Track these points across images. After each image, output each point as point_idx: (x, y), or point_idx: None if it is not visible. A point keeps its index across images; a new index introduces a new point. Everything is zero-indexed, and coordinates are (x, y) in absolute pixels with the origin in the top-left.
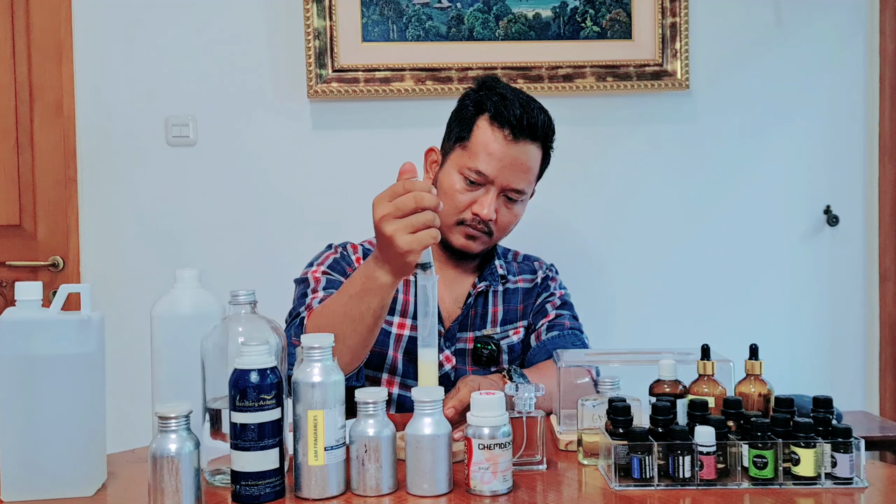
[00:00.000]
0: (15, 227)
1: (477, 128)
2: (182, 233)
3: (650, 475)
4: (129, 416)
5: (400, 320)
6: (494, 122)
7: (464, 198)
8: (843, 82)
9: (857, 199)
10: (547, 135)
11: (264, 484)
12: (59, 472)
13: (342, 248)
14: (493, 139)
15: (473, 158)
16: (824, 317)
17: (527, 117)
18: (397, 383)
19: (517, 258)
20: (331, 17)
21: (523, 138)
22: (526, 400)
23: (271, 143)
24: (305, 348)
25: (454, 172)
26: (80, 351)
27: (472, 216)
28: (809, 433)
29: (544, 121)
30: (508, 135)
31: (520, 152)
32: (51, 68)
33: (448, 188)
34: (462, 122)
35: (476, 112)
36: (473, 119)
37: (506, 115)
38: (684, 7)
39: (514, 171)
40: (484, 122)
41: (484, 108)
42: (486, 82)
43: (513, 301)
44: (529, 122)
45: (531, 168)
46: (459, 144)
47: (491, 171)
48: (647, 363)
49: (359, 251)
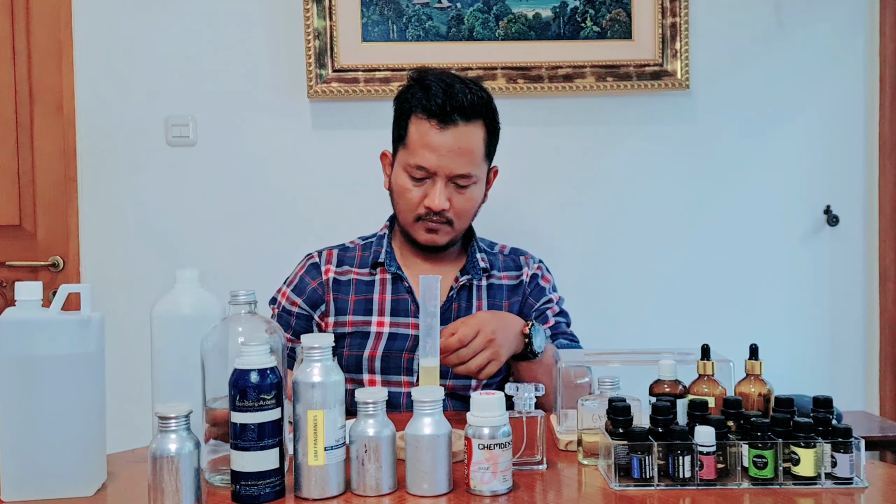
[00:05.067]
0: (15, 227)
1: (411, 124)
2: (182, 233)
3: (650, 475)
4: (129, 416)
5: (378, 319)
6: (422, 115)
7: (414, 194)
8: (843, 82)
9: (857, 199)
10: (481, 111)
11: (264, 484)
12: (59, 472)
13: (318, 254)
14: (424, 132)
15: (413, 155)
16: (824, 317)
17: (450, 102)
18: (378, 382)
19: (504, 251)
20: (331, 17)
21: (452, 123)
22: (526, 400)
23: (271, 143)
24: (305, 348)
25: (401, 172)
26: (80, 351)
27: (425, 210)
28: (809, 433)
29: (472, 99)
30: (436, 124)
31: (454, 138)
32: (51, 68)
33: (399, 188)
34: (398, 122)
35: (407, 111)
36: (407, 117)
37: (428, 105)
38: (684, 7)
39: (454, 158)
40: (414, 117)
41: (410, 105)
42: (413, 77)
43: (497, 297)
44: (453, 105)
45: (471, 150)
46: (401, 144)
47: (430, 163)
48: (647, 363)
49: (333, 259)
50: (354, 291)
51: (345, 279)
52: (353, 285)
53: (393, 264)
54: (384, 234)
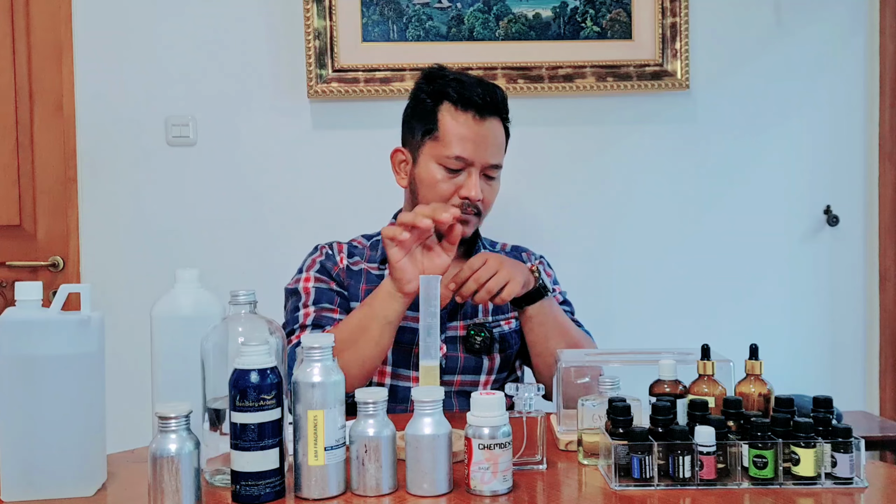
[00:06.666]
0: (15, 227)
1: (442, 117)
2: (182, 233)
3: (650, 475)
4: (129, 416)
5: None
6: (458, 107)
7: (447, 186)
8: (843, 82)
9: (857, 199)
10: (505, 108)
11: (264, 484)
12: (59, 472)
13: (328, 246)
14: (461, 123)
15: (448, 146)
16: (824, 317)
17: (488, 95)
18: (388, 373)
19: (505, 248)
20: (331, 17)
21: (489, 115)
22: (526, 400)
23: (271, 143)
24: (305, 348)
25: (431, 164)
26: (80, 351)
27: (460, 201)
28: (809, 433)
29: (503, 96)
30: (475, 115)
31: (488, 129)
32: (51, 68)
33: (429, 181)
34: (423, 115)
35: (436, 102)
36: (435, 110)
37: (469, 96)
38: (684, 7)
39: (489, 148)
40: (447, 109)
41: (444, 96)
42: (434, 73)
43: None
44: (492, 98)
45: (501, 142)
46: (429, 137)
47: (469, 153)
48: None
49: (344, 250)
50: (366, 281)
51: (356, 269)
52: (365, 275)
53: None
54: None
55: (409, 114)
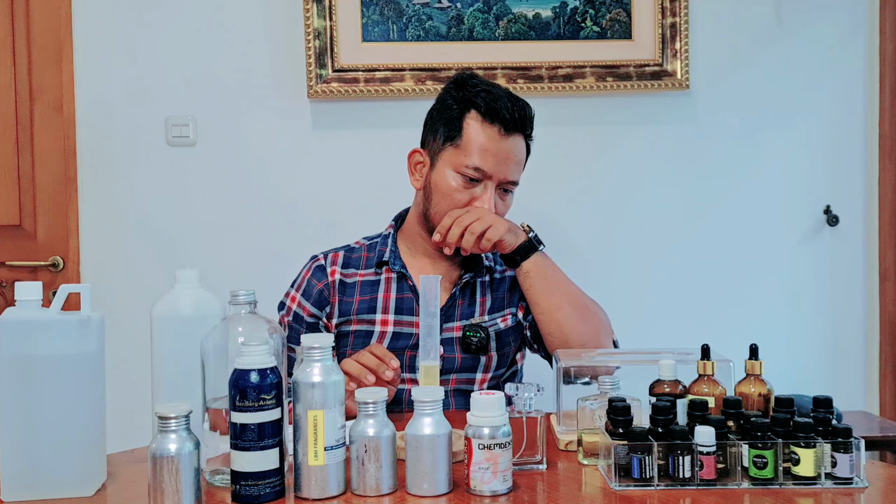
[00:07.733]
0: (15, 227)
1: (467, 125)
2: (182, 233)
3: (650, 475)
4: (129, 416)
5: (382, 317)
6: (485, 118)
7: (462, 196)
8: (843, 82)
9: (857, 199)
10: (532, 126)
11: (264, 484)
12: (59, 472)
13: (323, 257)
14: (486, 135)
15: (469, 156)
16: (824, 317)
17: (518, 111)
18: None
19: None
20: (331, 17)
21: (514, 131)
22: (526, 400)
23: (271, 143)
24: (305, 348)
25: (449, 171)
26: (80, 351)
27: None
28: (809, 433)
29: (531, 114)
30: (501, 129)
31: (512, 145)
32: (51, 68)
33: (445, 188)
34: (449, 121)
35: (462, 110)
36: (461, 117)
37: (497, 109)
38: (684, 7)
39: (509, 164)
40: (474, 118)
41: (472, 105)
42: (465, 80)
43: (500, 289)
44: (520, 115)
45: (522, 159)
46: (450, 144)
47: (489, 166)
48: (647, 363)
49: (339, 260)
50: (359, 293)
51: (350, 281)
52: (359, 287)
53: (397, 263)
54: (389, 233)
55: (434, 116)
